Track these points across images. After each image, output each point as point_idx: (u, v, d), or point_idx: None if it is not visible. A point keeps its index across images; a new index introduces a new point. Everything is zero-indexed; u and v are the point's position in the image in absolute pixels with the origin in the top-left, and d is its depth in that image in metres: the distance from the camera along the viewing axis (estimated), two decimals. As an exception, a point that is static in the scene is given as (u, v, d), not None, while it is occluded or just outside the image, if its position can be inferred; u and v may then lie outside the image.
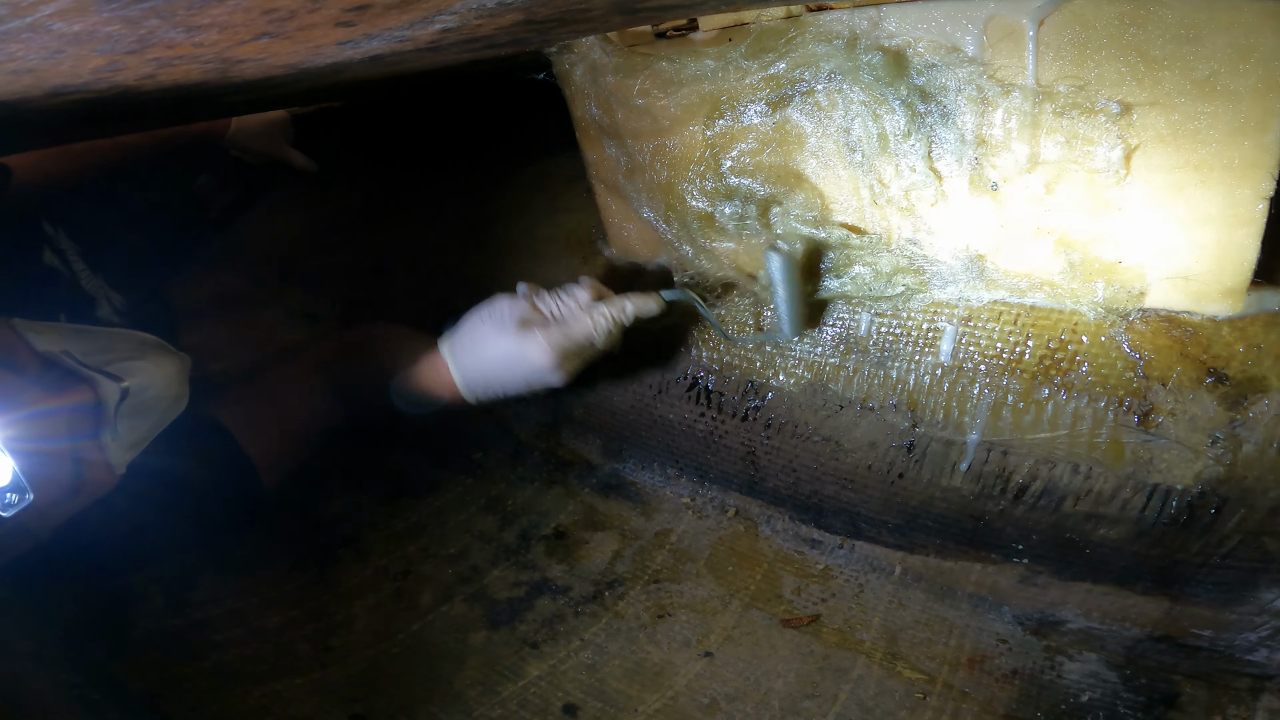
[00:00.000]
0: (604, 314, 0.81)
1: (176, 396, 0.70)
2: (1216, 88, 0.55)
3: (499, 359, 0.81)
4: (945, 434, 0.75)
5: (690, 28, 0.75)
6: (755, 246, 0.82)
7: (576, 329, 0.80)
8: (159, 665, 0.74)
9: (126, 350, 0.67)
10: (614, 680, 0.73)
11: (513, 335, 0.80)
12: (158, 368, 0.67)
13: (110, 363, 0.64)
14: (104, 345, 0.66)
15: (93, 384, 0.63)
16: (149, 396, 0.66)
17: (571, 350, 0.80)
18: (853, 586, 0.80)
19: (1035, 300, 0.70)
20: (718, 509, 0.92)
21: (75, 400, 0.62)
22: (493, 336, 0.81)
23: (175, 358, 0.70)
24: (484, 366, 0.83)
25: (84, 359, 0.64)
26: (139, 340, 0.70)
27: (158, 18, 0.35)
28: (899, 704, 0.67)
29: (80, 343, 0.65)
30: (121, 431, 0.65)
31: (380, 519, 0.96)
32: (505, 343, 0.80)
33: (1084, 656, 0.68)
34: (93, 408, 0.63)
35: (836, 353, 0.81)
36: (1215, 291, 0.62)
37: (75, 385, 0.62)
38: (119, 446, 0.65)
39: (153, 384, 0.66)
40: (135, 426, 0.66)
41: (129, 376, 0.64)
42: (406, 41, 0.57)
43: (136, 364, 0.66)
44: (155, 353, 0.69)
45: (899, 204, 0.72)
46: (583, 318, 0.81)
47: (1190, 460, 0.64)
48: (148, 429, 0.68)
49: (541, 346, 0.79)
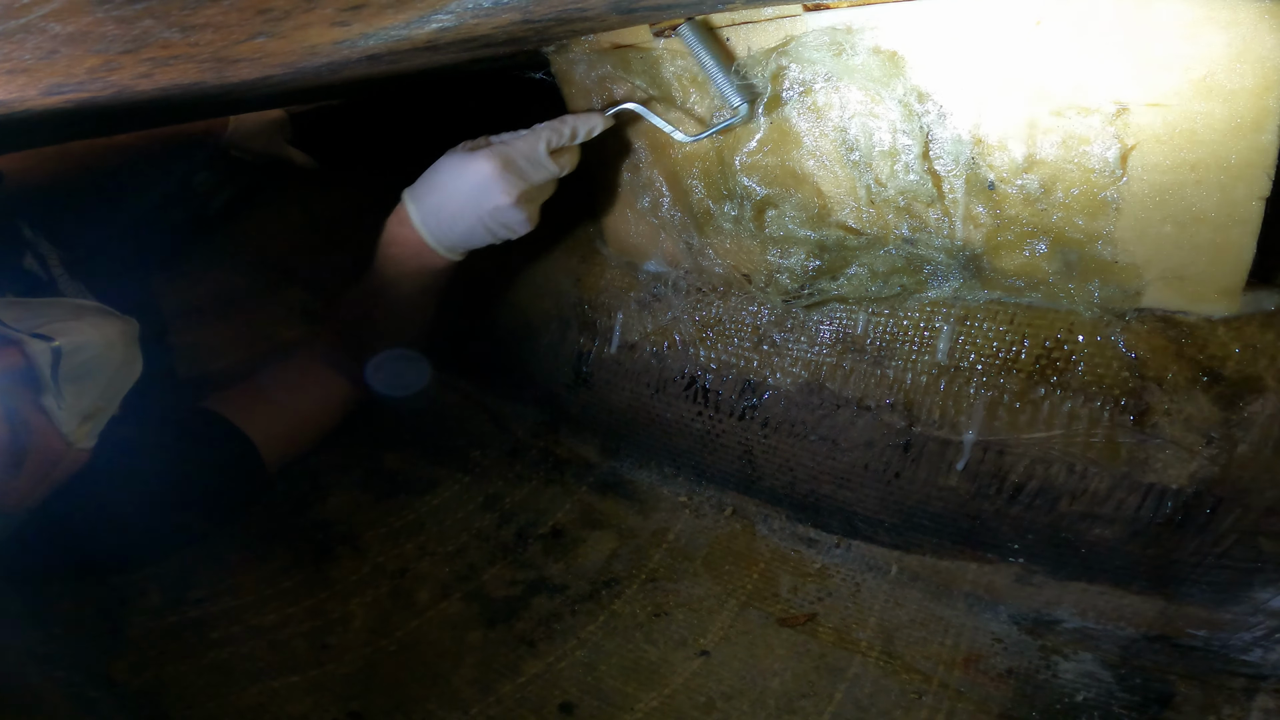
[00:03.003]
0: (545, 127, 0.82)
1: (124, 359, 0.68)
2: (1213, 87, 0.55)
3: (448, 181, 0.84)
4: (941, 433, 0.75)
5: (688, 27, 0.75)
6: (753, 247, 0.83)
7: (520, 144, 0.82)
8: (156, 663, 0.74)
9: (60, 314, 0.66)
10: (611, 679, 0.73)
11: (460, 155, 0.83)
12: (94, 328, 0.66)
13: (41, 326, 0.63)
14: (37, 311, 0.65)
15: (20, 345, 0.62)
16: (89, 357, 0.65)
17: (519, 167, 0.82)
18: (849, 586, 0.80)
19: (1031, 300, 0.70)
20: (715, 508, 0.92)
21: (3, 363, 0.61)
22: (444, 164, 0.85)
23: (117, 320, 0.69)
24: (438, 194, 0.85)
25: (13, 323, 0.63)
26: (75, 305, 0.69)
27: (152, 18, 0.35)
28: (894, 703, 0.67)
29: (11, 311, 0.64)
30: (67, 397, 0.64)
31: (377, 517, 0.96)
32: (453, 163, 0.83)
33: (1079, 656, 0.68)
34: (23, 370, 0.62)
35: (833, 352, 0.81)
36: (1211, 291, 0.62)
37: (2, 350, 0.62)
38: (68, 415, 0.65)
39: (90, 344, 0.65)
40: (83, 393, 0.65)
41: (61, 336, 0.63)
42: (403, 41, 0.57)
43: (70, 324, 0.65)
44: (93, 315, 0.67)
45: (895, 203, 0.72)
46: (527, 135, 0.82)
47: (1185, 460, 0.64)
48: (98, 395, 0.67)
49: (483, 157, 0.81)
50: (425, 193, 0.87)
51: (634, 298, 0.97)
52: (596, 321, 1.01)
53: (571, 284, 1.05)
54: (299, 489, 0.98)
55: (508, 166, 0.81)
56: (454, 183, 0.83)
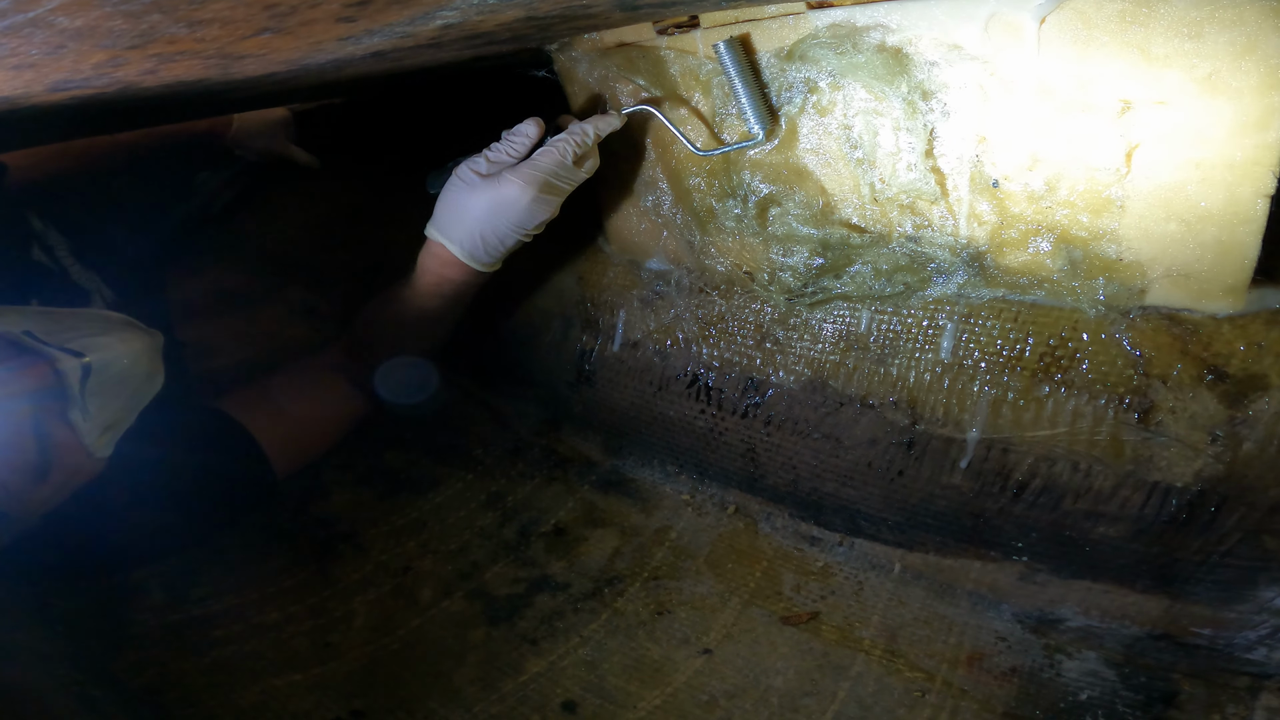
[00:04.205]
0: (567, 140, 0.82)
1: (148, 374, 0.69)
2: (1218, 85, 0.55)
3: (483, 213, 0.84)
4: (945, 431, 0.75)
5: (692, 25, 0.75)
6: (756, 245, 0.83)
7: (544, 160, 0.82)
8: (158, 661, 0.74)
9: (90, 328, 0.66)
10: (613, 677, 0.73)
11: (483, 186, 0.83)
12: (122, 343, 0.66)
13: (72, 340, 0.63)
14: (67, 324, 0.65)
15: (52, 360, 0.62)
16: (116, 372, 0.65)
17: (548, 180, 0.82)
18: (852, 584, 0.80)
19: (1036, 297, 0.70)
20: (717, 506, 0.92)
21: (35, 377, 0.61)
22: (466, 196, 0.85)
23: (144, 334, 0.69)
24: (472, 226, 0.86)
25: (45, 337, 0.62)
26: (104, 318, 0.69)
27: (160, 12, 0.35)
28: (898, 701, 0.67)
29: (42, 323, 0.64)
30: (92, 411, 0.64)
31: (380, 515, 0.96)
32: (481, 196, 0.84)
33: (1083, 654, 0.68)
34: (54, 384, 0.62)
35: (837, 350, 0.81)
36: (1216, 289, 0.62)
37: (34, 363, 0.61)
38: (92, 427, 0.64)
39: (118, 359, 0.65)
40: (106, 405, 0.65)
41: (91, 352, 0.63)
42: (408, 37, 0.57)
43: (99, 339, 0.65)
44: (121, 329, 0.67)
45: (899, 201, 0.72)
46: (547, 149, 0.83)
47: (1190, 458, 0.64)
48: (121, 407, 0.67)
49: (516, 184, 0.82)
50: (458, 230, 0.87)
51: (637, 295, 0.97)
52: (599, 319, 1.01)
53: (574, 282, 1.05)
54: (301, 487, 0.98)
55: (544, 189, 0.83)
56: (489, 212, 0.84)
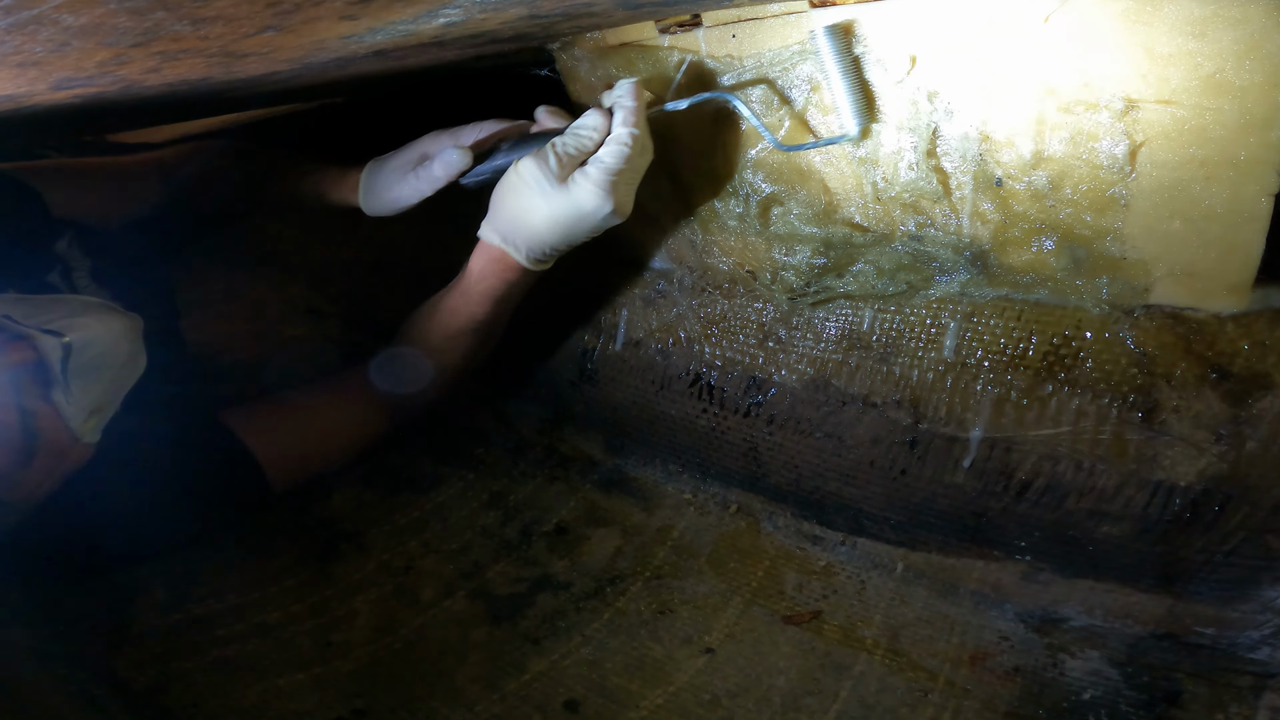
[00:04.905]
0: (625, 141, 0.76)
1: (129, 355, 0.69)
2: (1222, 84, 0.55)
3: (556, 222, 0.80)
4: (948, 430, 0.75)
5: (694, 23, 0.75)
6: (759, 244, 0.82)
7: (609, 159, 0.76)
8: (160, 660, 0.74)
9: (68, 310, 0.67)
10: (615, 676, 0.73)
11: (557, 193, 0.78)
12: (101, 324, 0.67)
13: (49, 322, 0.65)
14: (43, 308, 0.66)
15: (31, 341, 0.63)
16: (96, 352, 0.66)
17: (618, 181, 0.77)
18: (855, 583, 0.80)
19: (1039, 296, 0.70)
20: (719, 505, 0.92)
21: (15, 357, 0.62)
22: (537, 201, 0.79)
23: (123, 316, 0.70)
24: (544, 234, 0.81)
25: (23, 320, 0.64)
26: (82, 302, 0.70)
27: (165, 10, 0.35)
28: (900, 701, 0.67)
29: (19, 308, 0.65)
30: (75, 391, 0.65)
31: (381, 514, 0.96)
32: (555, 203, 0.78)
33: (1086, 654, 0.68)
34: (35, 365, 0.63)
35: (839, 349, 0.81)
36: (1220, 288, 0.62)
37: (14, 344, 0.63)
38: (76, 410, 0.66)
39: (97, 339, 0.66)
40: (89, 387, 0.66)
41: (70, 332, 0.64)
42: (410, 36, 0.57)
43: (78, 320, 0.66)
44: (99, 310, 0.68)
45: (902, 200, 0.72)
46: (611, 145, 0.77)
47: (1194, 457, 0.64)
48: (104, 390, 0.68)
49: (591, 191, 0.77)
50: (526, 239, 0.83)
51: (639, 294, 0.97)
52: (601, 318, 1.01)
53: (576, 280, 1.05)
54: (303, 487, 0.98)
55: (615, 192, 0.78)
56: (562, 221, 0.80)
